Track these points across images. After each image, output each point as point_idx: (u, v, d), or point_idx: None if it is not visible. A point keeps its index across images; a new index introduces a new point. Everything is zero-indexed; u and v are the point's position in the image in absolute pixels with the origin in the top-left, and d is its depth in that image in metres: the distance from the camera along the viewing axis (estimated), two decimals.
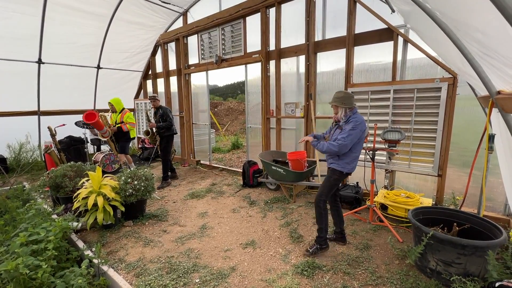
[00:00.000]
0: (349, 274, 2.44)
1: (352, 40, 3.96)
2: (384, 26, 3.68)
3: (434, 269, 2.26)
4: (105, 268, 2.57)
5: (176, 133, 5.57)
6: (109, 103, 5.62)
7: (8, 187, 4.75)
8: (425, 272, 2.36)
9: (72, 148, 6.88)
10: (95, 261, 2.59)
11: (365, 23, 3.92)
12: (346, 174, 2.72)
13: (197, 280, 2.42)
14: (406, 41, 3.58)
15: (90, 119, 4.94)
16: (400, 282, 2.31)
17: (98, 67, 7.31)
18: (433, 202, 3.49)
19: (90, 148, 7.40)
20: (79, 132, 6.72)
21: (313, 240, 2.90)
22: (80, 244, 2.98)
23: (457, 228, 2.40)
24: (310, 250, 2.75)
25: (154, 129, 5.64)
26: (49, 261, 2.33)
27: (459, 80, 3.23)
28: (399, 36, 3.60)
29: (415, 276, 2.37)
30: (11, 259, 2.25)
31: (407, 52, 3.73)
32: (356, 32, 3.98)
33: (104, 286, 2.40)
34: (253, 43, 5.32)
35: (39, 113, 6.85)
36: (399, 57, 3.72)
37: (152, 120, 6.25)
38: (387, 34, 3.69)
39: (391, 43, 3.70)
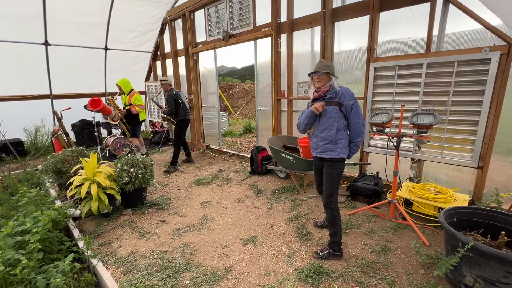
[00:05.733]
0: (362, 284, 2.07)
1: (378, 4, 3.30)
2: None
3: (471, 287, 1.83)
4: (94, 261, 2.42)
5: (187, 119, 5.18)
6: (117, 85, 5.45)
7: (22, 170, 4.82)
8: None
9: (85, 132, 6.92)
10: (86, 253, 2.46)
11: None
12: (345, 160, 2.38)
13: (187, 282, 2.18)
14: (447, 1, 2.88)
15: (95, 106, 4.81)
16: None
17: (106, 48, 7.10)
18: (470, 199, 2.95)
19: (104, 132, 7.42)
20: (91, 116, 6.68)
21: (325, 242, 2.53)
22: (76, 233, 2.87)
23: (505, 238, 1.90)
24: (320, 254, 2.39)
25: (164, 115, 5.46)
26: (33, 254, 2.19)
27: None
28: None
29: None
30: None
31: (446, 18, 3.03)
32: None
33: (91, 282, 2.24)
34: (263, 17, 4.75)
35: (51, 96, 6.86)
36: (436, 24, 3.04)
37: (163, 106, 6.07)
38: None
39: (427, 5, 3.01)
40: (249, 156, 5.17)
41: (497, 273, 1.69)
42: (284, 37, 4.45)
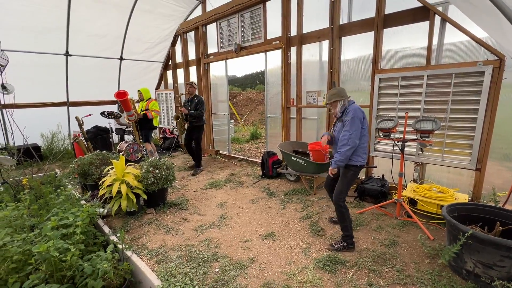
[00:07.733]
0: (375, 272, 2.31)
1: (382, 22, 3.65)
2: (419, 4, 3.34)
3: (472, 271, 2.07)
4: (129, 253, 2.66)
5: (206, 123, 5.71)
6: (139, 91, 5.79)
7: (43, 174, 5.07)
8: (461, 273, 2.17)
9: (99, 138, 7.20)
10: (120, 246, 2.69)
11: (396, 2, 3.59)
12: (361, 167, 2.65)
13: (216, 270, 2.41)
14: (444, 20, 3.22)
15: (121, 96, 5.09)
16: (431, 282, 2.14)
17: (121, 59, 7.48)
18: (469, 198, 3.21)
19: (115, 138, 7.71)
20: (105, 122, 6.98)
21: (339, 236, 2.79)
22: (106, 229, 3.10)
23: (500, 228, 2.16)
24: (335, 246, 2.65)
25: (184, 115, 5.65)
26: (77, 245, 2.43)
27: (507, 64, 2.87)
28: (436, 15, 3.25)
29: (449, 277, 2.19)
30: (43, 242, 2.38)
31: (444, 33, 3.37)
32: (386, 12, 3.66)
33: (128, 271, 2.47)
34: (273, 30, 5.12)
35: (68, 104, 7.19)
36: (435, 39, 3.37)
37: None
38: (422, 13, 3.35)
39: (426, 23, 3.35)
40: (259, 161, 5.45)
41: (494, 258, 1.94)
42: (293, 49, 4.80)
